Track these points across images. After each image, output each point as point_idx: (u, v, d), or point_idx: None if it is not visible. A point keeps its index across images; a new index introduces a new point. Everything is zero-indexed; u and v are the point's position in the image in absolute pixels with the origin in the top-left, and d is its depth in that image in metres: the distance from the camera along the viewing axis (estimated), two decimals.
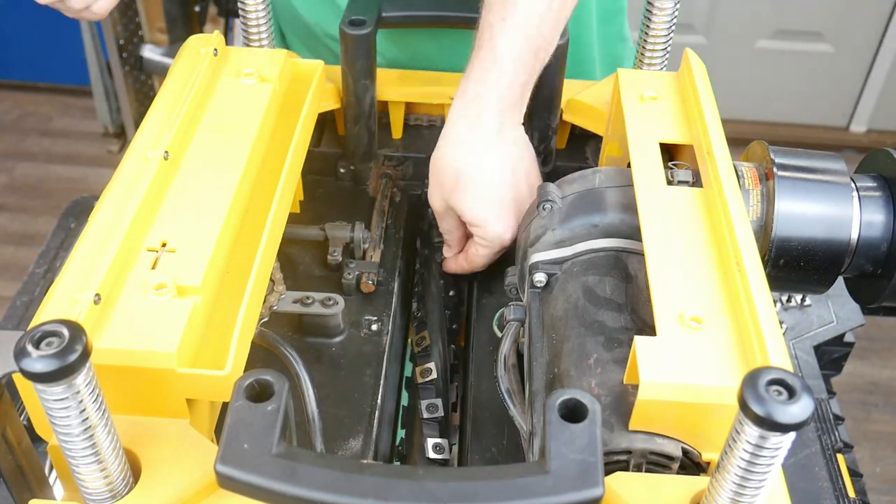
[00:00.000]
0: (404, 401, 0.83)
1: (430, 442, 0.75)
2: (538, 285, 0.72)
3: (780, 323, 0.82)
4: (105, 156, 2.82)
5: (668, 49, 0.86)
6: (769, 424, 0.44)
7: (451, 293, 0.90)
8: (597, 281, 0.69)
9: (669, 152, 0.79)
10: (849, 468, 0.91)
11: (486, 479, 0.48)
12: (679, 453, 0.57)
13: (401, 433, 0.81)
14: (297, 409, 0.65)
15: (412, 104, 0.97)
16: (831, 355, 1.05)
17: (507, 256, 0.83)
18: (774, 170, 0.75)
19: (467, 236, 0.85)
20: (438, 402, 0.77)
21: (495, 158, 0.80)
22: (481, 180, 0.79)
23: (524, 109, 0.82)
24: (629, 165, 0.73)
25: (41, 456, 0.70)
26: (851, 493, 0.87)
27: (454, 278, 0.90)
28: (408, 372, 0.85)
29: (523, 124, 0.82)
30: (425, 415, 0.76)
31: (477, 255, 0.84)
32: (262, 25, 0.86)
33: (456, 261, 0.87)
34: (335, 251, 0.85)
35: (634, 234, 0.69)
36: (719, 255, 0.64)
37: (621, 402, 0.59)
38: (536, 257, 0.72)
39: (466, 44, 0.82)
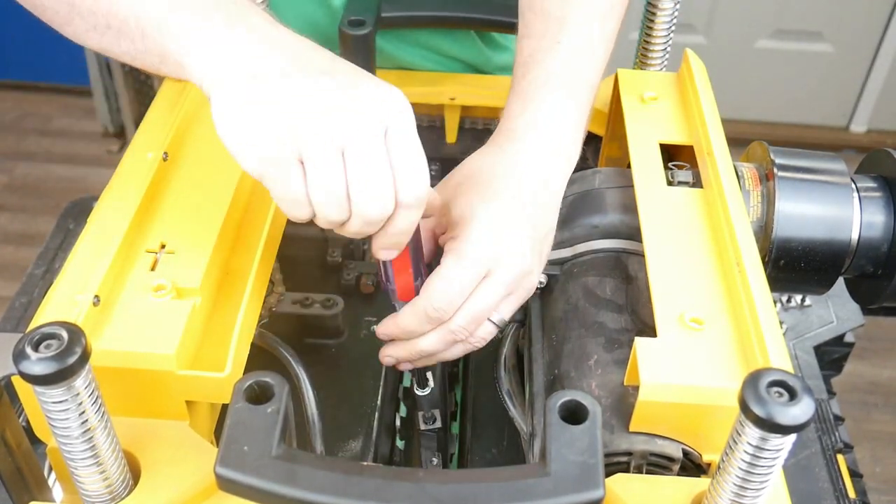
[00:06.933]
0: (402, 412, 0.81)
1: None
2: (538, 286, 0.72)
3: (781, 323, 0.82)
4: (105, 156, 2.82)
5: (668, 49, 0.86)
6: (770, 426, 0.44)
7: None
8: (597, 282, 0.69)
9: (669, 153, 0.78)
10: (849, 468, 0.91)
11: (487, 481, 0.48)
12: (680, 455, 0.57)
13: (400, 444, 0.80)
14: (296, 411, 0.65)
15: (412, 104, 0.97)
16: (831, 355, 1.05)
17: None
18: (775, 170, 0.75)
19: None
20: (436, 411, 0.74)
21: None
22: None
23: None
24: (629, 166, 0.73)
25: (40, 458, 0.70)
26: (852, 494, 0.87)
27: None
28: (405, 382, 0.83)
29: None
30: (422, 426, 0.73)
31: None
32: None
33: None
34: (335, 252, 0.84)
35: (634, 234, 0.69)
36: (719, 255, 0.64)
37: (622, 404, 0.59)
38: None
39: (462, 43, 0.81)
